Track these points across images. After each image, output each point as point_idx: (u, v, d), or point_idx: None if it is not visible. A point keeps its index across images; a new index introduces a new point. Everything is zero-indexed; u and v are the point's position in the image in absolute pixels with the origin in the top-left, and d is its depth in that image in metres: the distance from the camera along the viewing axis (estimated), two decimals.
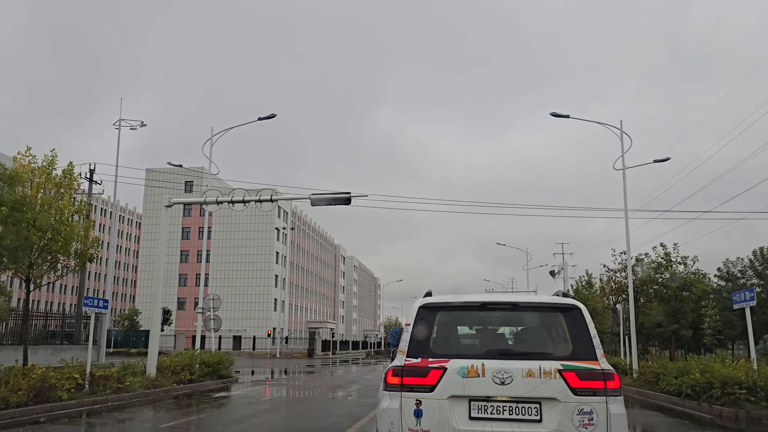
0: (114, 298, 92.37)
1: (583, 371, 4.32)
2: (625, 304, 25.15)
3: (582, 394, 4.28)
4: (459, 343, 4.90)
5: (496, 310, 4.95)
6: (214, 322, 23.50)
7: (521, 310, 4.94)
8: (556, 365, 4.35)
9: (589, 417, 4.25)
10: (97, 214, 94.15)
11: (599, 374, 4.32)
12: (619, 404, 4.33)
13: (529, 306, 4.95)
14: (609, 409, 4.27)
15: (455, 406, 4.38)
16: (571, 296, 5.07)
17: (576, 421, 4.25)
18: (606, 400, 4.29)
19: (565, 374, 4.32)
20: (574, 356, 4.41)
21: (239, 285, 78.39)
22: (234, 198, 18.91)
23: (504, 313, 5.00)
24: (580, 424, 4.24)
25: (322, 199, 18.65)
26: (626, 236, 20.39)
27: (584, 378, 4.31)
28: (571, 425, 4.24)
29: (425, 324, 4.73)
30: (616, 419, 4.25)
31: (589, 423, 4.24)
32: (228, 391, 18.13)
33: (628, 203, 20.75)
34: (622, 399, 4.43)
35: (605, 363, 4.45)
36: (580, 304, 4.73)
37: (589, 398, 4.28)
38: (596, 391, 4.29)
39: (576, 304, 4.68)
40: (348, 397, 16.20)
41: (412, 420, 4.39)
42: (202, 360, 20.50)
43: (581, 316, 4.58)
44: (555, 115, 21.30)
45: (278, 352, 60.57)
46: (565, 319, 4.62)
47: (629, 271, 20.47)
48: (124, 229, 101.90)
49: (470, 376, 4.39)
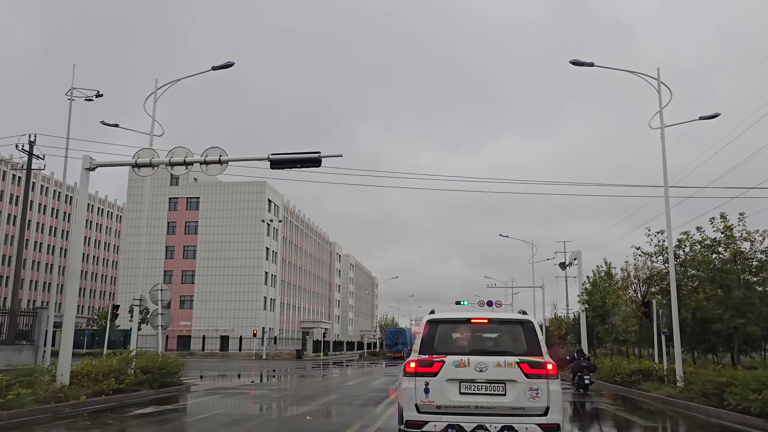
0: (93, 295, 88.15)
1: (533, 363, 6.63)
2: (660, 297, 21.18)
3: (532, 377, 6.54)
4: (454, 345, 7.15)
5: (477, 323, 7.24)
6: (162, 317, 19.50)
7: (494, 323, 7.33)
8: (515, 359, 6.65)
9: (536, 392, 6.50)
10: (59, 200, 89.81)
11: (543, 365, 6.62)
12: (555, 383, 6.63)
13: (499, 320, 7.42)
14: (549, 386, 6.55)
15: (451, 386, 6.63)
16: (527, 314, 7.32)
17: (528, 394, 6.49)
18: (548, 381, 6.55)
19: (521, 365, 6.59)
20: (527, 353, 6.74)
21: (227, 282, 74.21)
22: (173, 159, 14.93)
23: (483, 325, 7.26)
24: (530, 396, 6.49)
25: (285, 159, 14.72)
26: (666, 208, 16.36)
27: (533, 367, 6.59)
28: (524, 397, 6.49)
29: (431, 332, 7.08)
30: (553, 393, 6.55)
31: (537, 396, 6.48)
32: (164, 404, 14.11)
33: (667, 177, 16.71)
34: (559, 380, 6.77)
35: (548, 357, 6.76)
36: (533, 318, 7.17)
37: (536, 380, 6.54)
38: (540, 376, 6.56)
39: (530, 319, 7.12)
40: (311, 417, 12.17)
41: (423, 395, 6.62)
42: (139, 364, 16.51)
43: (533, 327, 7.01)
44: (576, 63, 17.29)
45: (264, 353, 56.47)
46: (522, 328, 7.00)
47: (670, 253, 16.45)
48: (105, 224, 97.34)
49: (460, 366, 6.66)
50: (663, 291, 20.84)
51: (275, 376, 27.88)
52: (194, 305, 74.51)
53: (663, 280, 20.21)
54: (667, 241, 16.99)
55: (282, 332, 79.37)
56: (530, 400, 6.39)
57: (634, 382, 17.94)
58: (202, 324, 73.25)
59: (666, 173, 16.72)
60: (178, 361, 18.58)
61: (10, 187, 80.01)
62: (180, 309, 75.36)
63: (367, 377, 26.03)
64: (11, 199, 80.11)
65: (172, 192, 77.60)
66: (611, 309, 24.13)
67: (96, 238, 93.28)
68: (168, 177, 78.65)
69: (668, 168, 16.76)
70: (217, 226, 76.06)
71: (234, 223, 75.82)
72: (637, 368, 18.29)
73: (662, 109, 16.91)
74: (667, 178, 16.65)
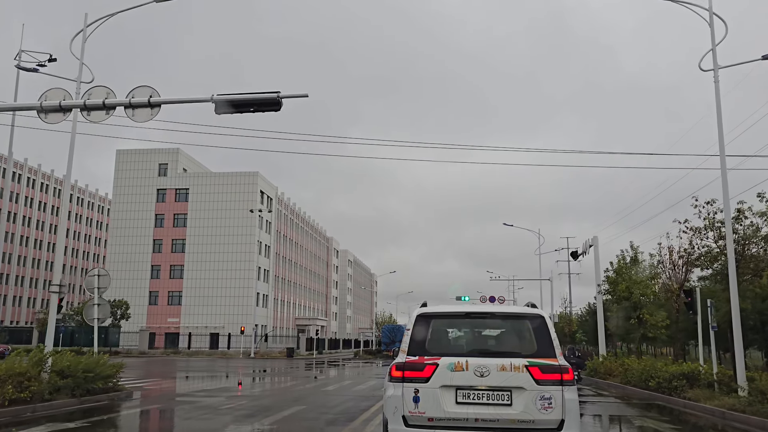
0: (76, 291, 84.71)
1: (545, 366, 5.45)
2: (707, 283, 17.75)
3: (543, 384, 5.38)
4: (449, 344, 6.15)
5: (479, 318, 6.25)
6: (99, 308, 16.09)
7: (498, 319, 6.21)
8: (523, 361, 5.47)
9: (548, 402, 5.34)
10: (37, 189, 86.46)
11: (557, 368, 5.45)
12: (572, 391, 5.45)
13: (503, 315, 6.23)
14: (564, 395, 5.38)
15: (445, 393, 5.47)
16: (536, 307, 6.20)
17: (538, 405, 5.34)
18: (562, 389, 5.39)
19: (530, 369, 5.43)
20: (537, 354, 5.55)
21: (218, 277, 70.74)
22: (89, 102, 11.54)
23: (484, 320, 6.30)
24: (541, 407, 5.33)
25: (235, 101, 11.36)
26: (721, 168, 12.90)
27: (545, 372, 5.42)
28: (534, 408, 5.34)
29: (422, 329, 5.91)
30: (569, 403, 5.38)
31: (549, 406, 5.34)
32: (71, 420, 10.72)
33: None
34: (575, 387, 5.56)
35: (562, 360, 5.56)
36: (544, 312, 5.93)
37: (548, 387, 5.38)
38: (554, 382, 5.39)
39: (540, 313, 5.89)
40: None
41: (411, 404, 5.49)
42: (58, 366, 13.15)
43: (544, 323, 5.76)
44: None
45: (253, 351, 53.06)
46: (531, 325, 5.80)
47: (728, 226, 12.97)
48: (92, 216, 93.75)
49: (457, 370, 5.50)
50: (713, 276, 17.31)
51: (252, 377, 24.47)
52: (183, 301, 71.15)
53: (713, 261, 16.58)
54: (723, 211, 13.49)
55: (275, 330, 75.95)
56: (541, 411, 5.36)
57: (675, 389, 14.50)
58: (191, 321, 69.85)
59: (720, 117, 13.26)
60: (115, 363, 15.21)
61: None
62: (168, 305, 72.02)
63: (353, 380, 22.61)
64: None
65: (160, 183, 74.24)
66: (638, 301, 20.64)
67: (75, 230, 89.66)
68: (156, 167, 75.31)
69: (723, 121, 13.31)
70: (207, 219, 72.67)
71: (225, 215, 72.42)
72: (678, 371, 14.77)
73: (715, 47, 13.46)
74: (722, 130, 13.17)
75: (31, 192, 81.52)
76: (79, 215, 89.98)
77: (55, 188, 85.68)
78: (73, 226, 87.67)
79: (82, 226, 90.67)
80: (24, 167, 79.89)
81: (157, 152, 75.44)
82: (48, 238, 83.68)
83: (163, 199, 74.02)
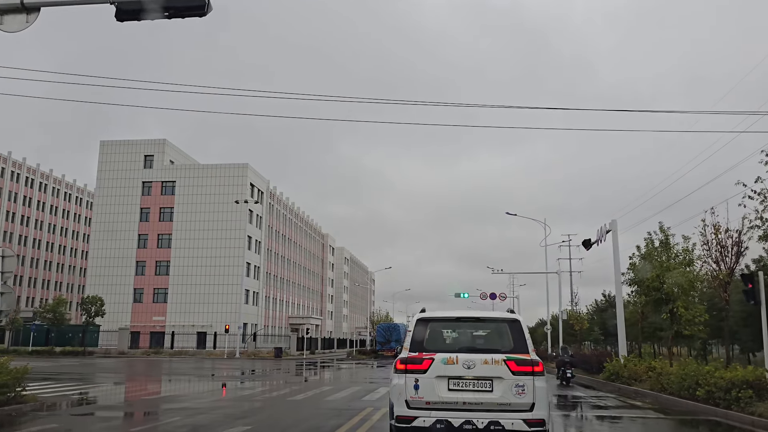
0: (59, 288, 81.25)
1: (519, 360, 6.62)
2: None
3: (518, 374, 6.54)
4: (443, 343, 7.19)
5: (467, 321, 7.43)
6: (2, 297, 12.79)
7: (483, 322, 7.50)
8: (502, 357, 6.66)
9: (522, 388, 6.50)
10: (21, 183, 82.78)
11: (529, 362, 6.60)
12: (541, 381, 6.61)
13: (487, 319, 7.53)
14: (535, 383, 6.54)
15: (440, 382, 6.63)
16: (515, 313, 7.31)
17: (514, 391, 6.50)
18: (533, 378, 6.55)
19: (508, 362, 6.60)
20: (514, 351, 6.74)
21: (205, 273, 67.35)
22: None
23: (472, 323, 7.48)
24: (516, 393, 6.48)
25: None
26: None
27: (520, 364, 6.59)
28: (511, 394, 6.49)
29: (421, 330, 7.07)
30: (539, 390, 6.54)
31: (522, 392, 6.48)
32: None
33: None
34: (545, 377, 6.70)
35: (534, 355, 6.73)
36: (520, 317, 7.12)
37: (522, 377, 6.53)
38: (527, 373, 6.55)
39: (517, 317, 7.11)
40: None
41: (412, 391, 6.65)
42: None
43: (520, 326, 6.97)
44: None
45: (238, 351, 49.74)
46: (509, 327, 7.01)
47: None
48: (73, 210, 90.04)
49: (449, 363, 6.67)
50: None
51: (222, 382, 21.10)
52: (169, 298, 67.82)
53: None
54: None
55: (266, 328, 72.63)
56: (516, 396, 6.49)
57: (736, 401, 11.21)
58: (177, 319, 66.48)
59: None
60: (18, 367, 11.92)
61: None
62: (153, 303, 68.60)
63: (334, 385, 19.29)
64: None
65: (145, 175, 70.88)
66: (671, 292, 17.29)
67: (62, 225, 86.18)
68: (141, 159, 71.89)
69: None
70: (194, 212, 69.33)
71: (213, 209, 69.07)
72: (740, 378, 11.45)
73: None
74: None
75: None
76: (54, 207, 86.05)
77: (27, 177, 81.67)
78: (48, 218, 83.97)
79: (58, 219, 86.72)
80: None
81: (142, 143, 72.18)
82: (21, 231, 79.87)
83: (148, 192, 70.69)
